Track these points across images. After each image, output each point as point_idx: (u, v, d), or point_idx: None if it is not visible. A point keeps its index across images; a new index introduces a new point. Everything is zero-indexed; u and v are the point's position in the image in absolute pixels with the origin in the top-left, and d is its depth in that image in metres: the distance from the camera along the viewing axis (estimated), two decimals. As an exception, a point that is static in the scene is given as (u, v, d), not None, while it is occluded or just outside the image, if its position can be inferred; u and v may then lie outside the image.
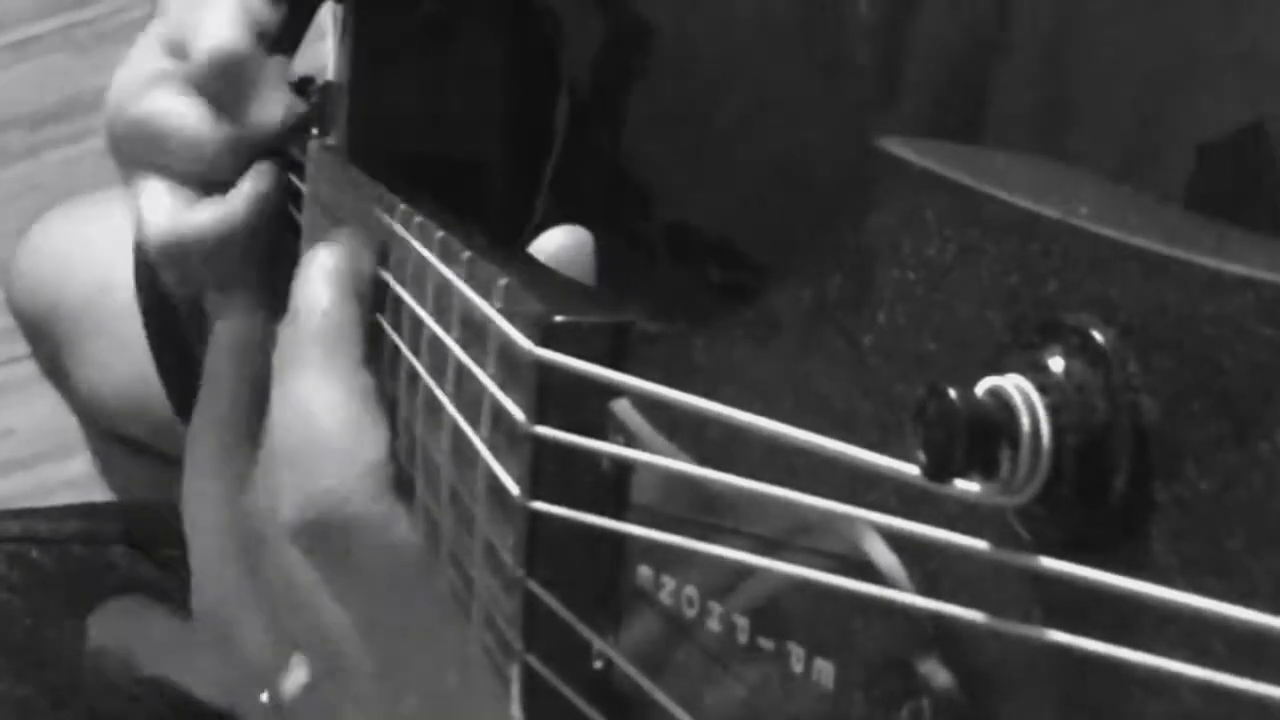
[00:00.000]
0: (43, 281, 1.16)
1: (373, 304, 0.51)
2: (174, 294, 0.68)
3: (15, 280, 1.18)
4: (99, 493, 1.20)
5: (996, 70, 0.45)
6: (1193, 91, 0.39)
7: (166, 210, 0.67)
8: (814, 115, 0.50)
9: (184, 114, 0.67)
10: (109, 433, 1.18)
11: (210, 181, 0.67)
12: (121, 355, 1.08)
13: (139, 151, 0.69)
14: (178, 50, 0.68)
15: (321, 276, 0.51)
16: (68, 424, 1.23)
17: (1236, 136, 0.37)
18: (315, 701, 0.49)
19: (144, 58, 0.70)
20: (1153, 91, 0.41)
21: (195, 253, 0.65)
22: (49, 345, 1.16)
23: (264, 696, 0.50)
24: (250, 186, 0.66)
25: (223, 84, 0.66)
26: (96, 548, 0.78)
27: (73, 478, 1.35)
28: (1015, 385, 0.24)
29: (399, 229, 0.51)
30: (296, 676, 0.48)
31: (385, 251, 0.52)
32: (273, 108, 0.66)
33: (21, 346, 1.21)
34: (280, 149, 0.68)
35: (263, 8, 0.69)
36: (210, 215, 0.66)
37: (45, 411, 1.36)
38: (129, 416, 1.12)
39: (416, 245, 0.48)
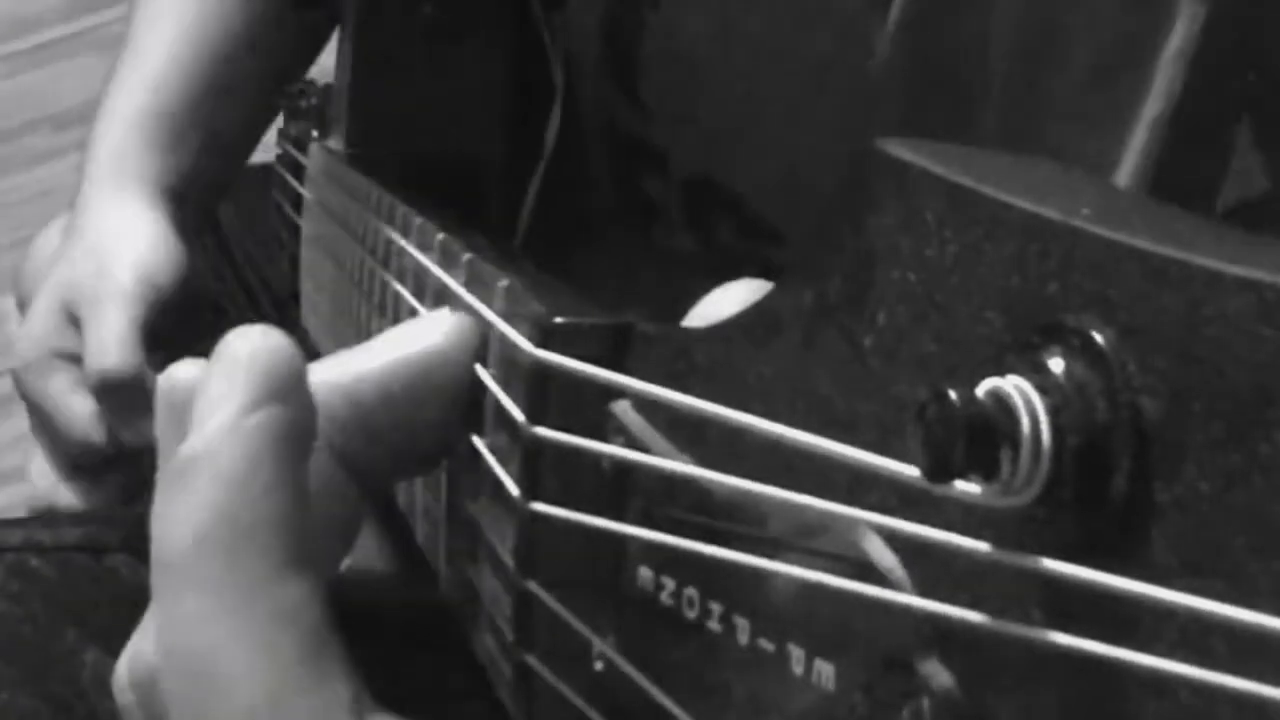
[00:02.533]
0: None
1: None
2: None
3: (24, 284, 1.18)
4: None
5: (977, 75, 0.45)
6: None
7: (47, 480, 0.72)
8: (808, 118, 0.50)
9: (73, 413, 0.70)
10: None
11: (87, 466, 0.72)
12: None
13: (35, 422, 0.73)
14: (73, 322, 0.71)
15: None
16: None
17: None
18: None
19: (42, 327, 0.73)
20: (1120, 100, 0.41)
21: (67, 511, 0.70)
22: None
23: None
24: (118, 483, 0.70)
25: (107, 400, 0.68)
26: (98, 556, 0.78)
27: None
28: (1015, 386, 0.24)
29: (397, 231, 0.51)
30: None
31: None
32: (146, 431, 0.68)
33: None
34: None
35: (166, 280, 0.71)
36: (80, 497, 0.74)
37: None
38: None
39: (414, 248, 0.48)
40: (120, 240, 0.72)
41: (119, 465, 0.73)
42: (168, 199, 0.77)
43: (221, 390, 0.32)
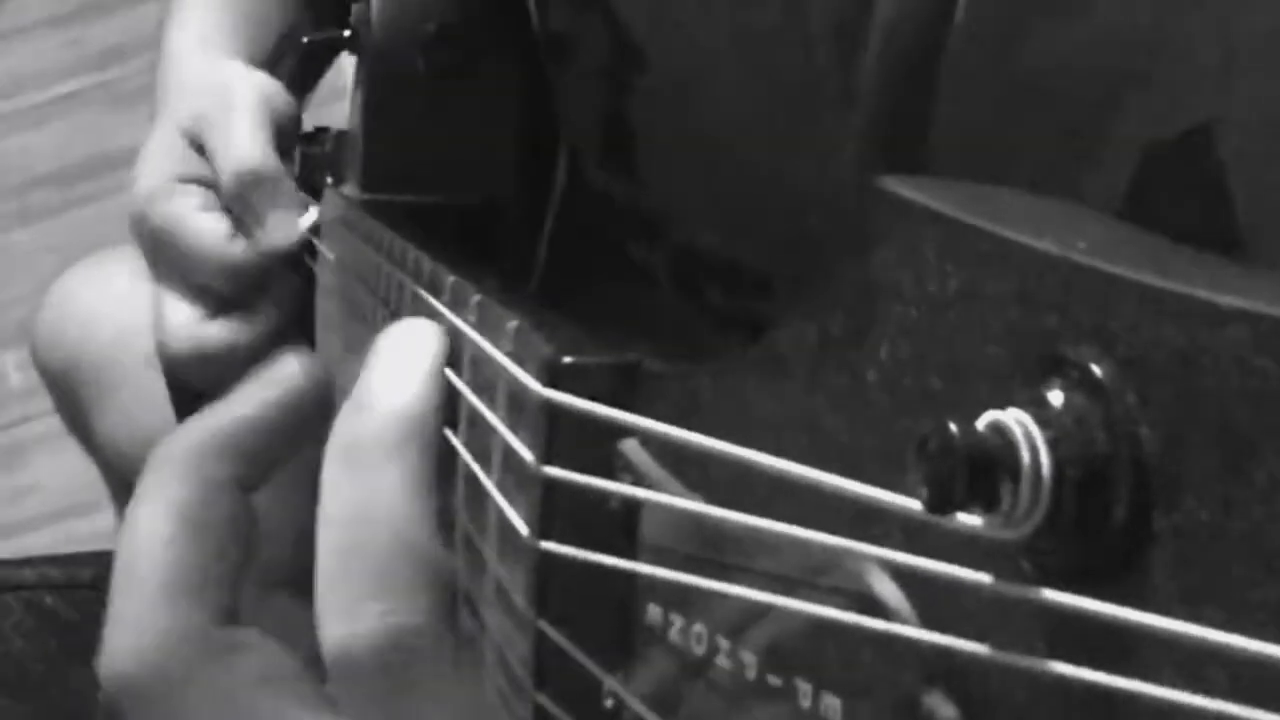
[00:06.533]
0: (66, 336, 1.17)
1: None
2: (195, 388, 0.69)
3: (39, 335, 1.18)
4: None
5: (946, 78, 0.45)
6: (1141, 92, 0.39)
7: (186, 324, 0.68)
8: (807, 143, 0.51)
9: (205, 231, 0.67)
10: (133, 486, 1.18)
11: (229, 295, 0.68)
12: (144, 408, 1.09)
13: (161, 258, 0.70)
14: (197, 148, 0.69)
15: (413, 365, 0.42)
16: (93, 479, 1.24)
17: (1183, 138, 0.37)
18: None
19: (163, 158, 0.70)
20: (1099, 91, 0.40)
21: (215, 364, 0.66)
22: (73, 399, 1.16)
23: None
24: (271, 309, 0.67)
25: (245, 203, 0.66)
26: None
27: (98, 532, 1.35)
28: (1015, 419, 0.24)
29: (410, 276, 0.51)
30: None
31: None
32: (290, 226, 0.66)
33: (46, 403, 1.21)
34: (298, 259, 0.69)
35: (283, 104, 0.69)
36: (230, 333, 0.67)
37: (71, 467, 1.37)
38: None
39: (425, 292, 0.49)
40: (238, 72, 0.70)
41: (260, 293, 0.68)
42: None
43: None
